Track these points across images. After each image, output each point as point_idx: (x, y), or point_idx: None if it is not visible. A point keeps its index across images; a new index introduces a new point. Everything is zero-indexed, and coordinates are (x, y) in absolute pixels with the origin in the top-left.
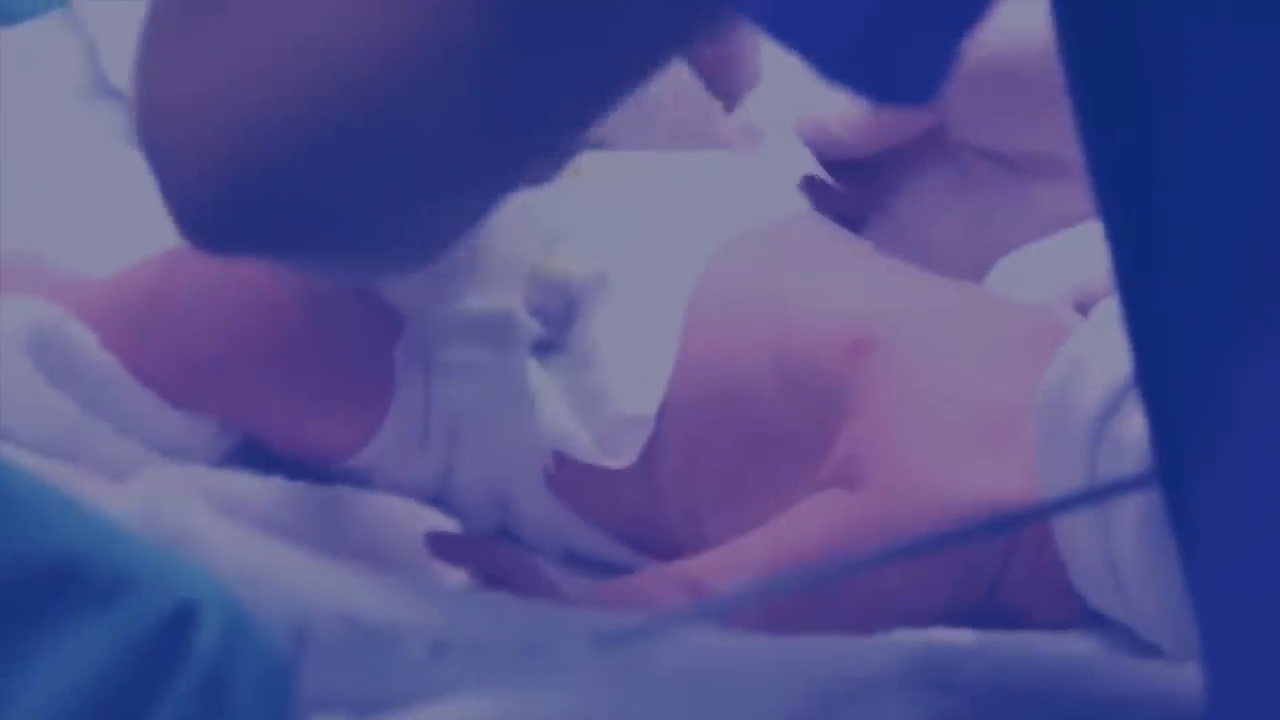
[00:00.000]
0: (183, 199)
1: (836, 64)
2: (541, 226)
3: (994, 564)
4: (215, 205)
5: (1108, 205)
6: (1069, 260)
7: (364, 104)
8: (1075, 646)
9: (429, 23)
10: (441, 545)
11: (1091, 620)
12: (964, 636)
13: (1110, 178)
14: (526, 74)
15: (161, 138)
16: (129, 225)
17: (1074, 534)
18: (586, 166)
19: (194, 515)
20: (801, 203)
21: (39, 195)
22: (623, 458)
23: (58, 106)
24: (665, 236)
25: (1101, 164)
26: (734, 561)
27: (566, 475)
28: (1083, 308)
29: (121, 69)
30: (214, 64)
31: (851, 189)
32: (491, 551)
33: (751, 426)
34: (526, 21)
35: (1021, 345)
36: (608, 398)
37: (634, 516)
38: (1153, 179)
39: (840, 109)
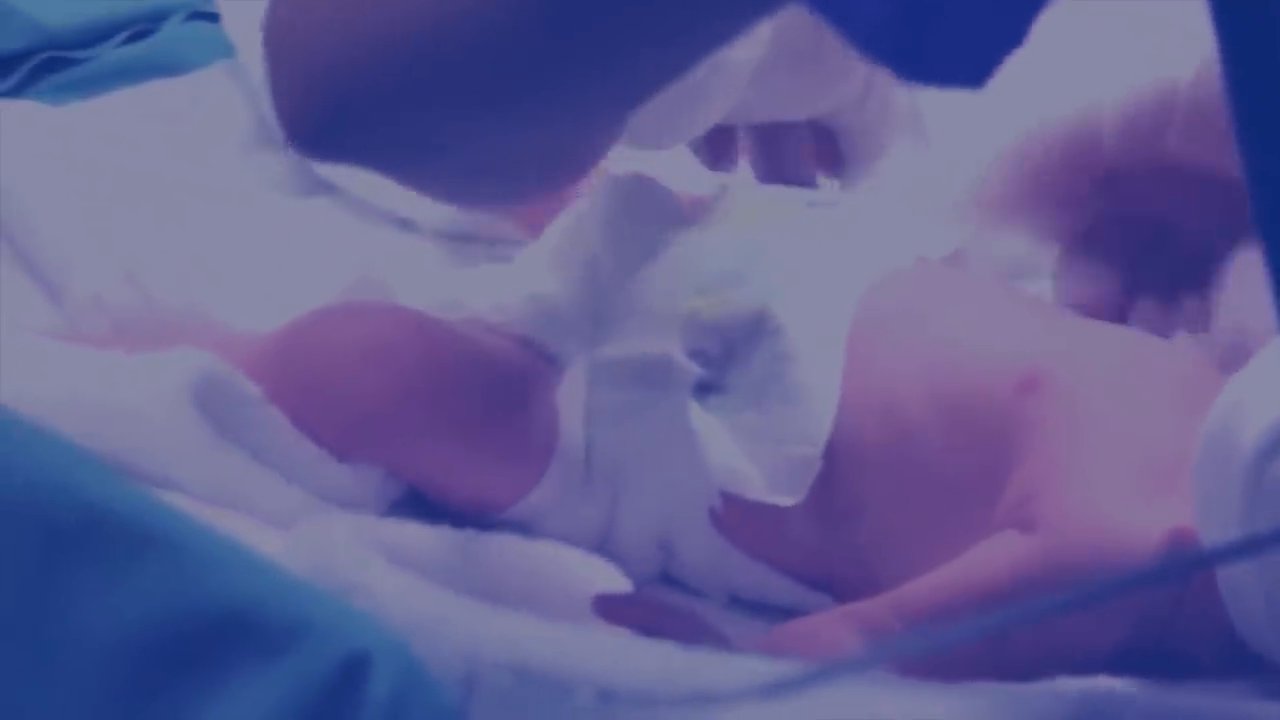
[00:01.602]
0: (293, 104)
1: (877, 38)
2: (697, 269)
3: (1160, 609)
4: (320, 111)
5: (1266, 220)
6: None
7: (456, 32)
8: (1239, 693)
9: None
10: (609, 606)
11: (1257, 667)
12: (1127, 684)
13: (1268, 192)
14: (599, 26)
15: (282, 51)
16: (291, 277)
17: (1236, 579)
18: (737, 209)
19: (364, 564)
20: (953, 242)
21: (202, 247)
22: (793, 495)
23: (222, 157)
24: (820, 274)
25: (1259, 177)
26: (909, 605)
27: (733, 514)
28: None
29: None
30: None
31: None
32: (659, 610)
33: (918, 463)
34: None
35: (1186, 385)
36: (776, 437)
37: (802, 554)
38: None
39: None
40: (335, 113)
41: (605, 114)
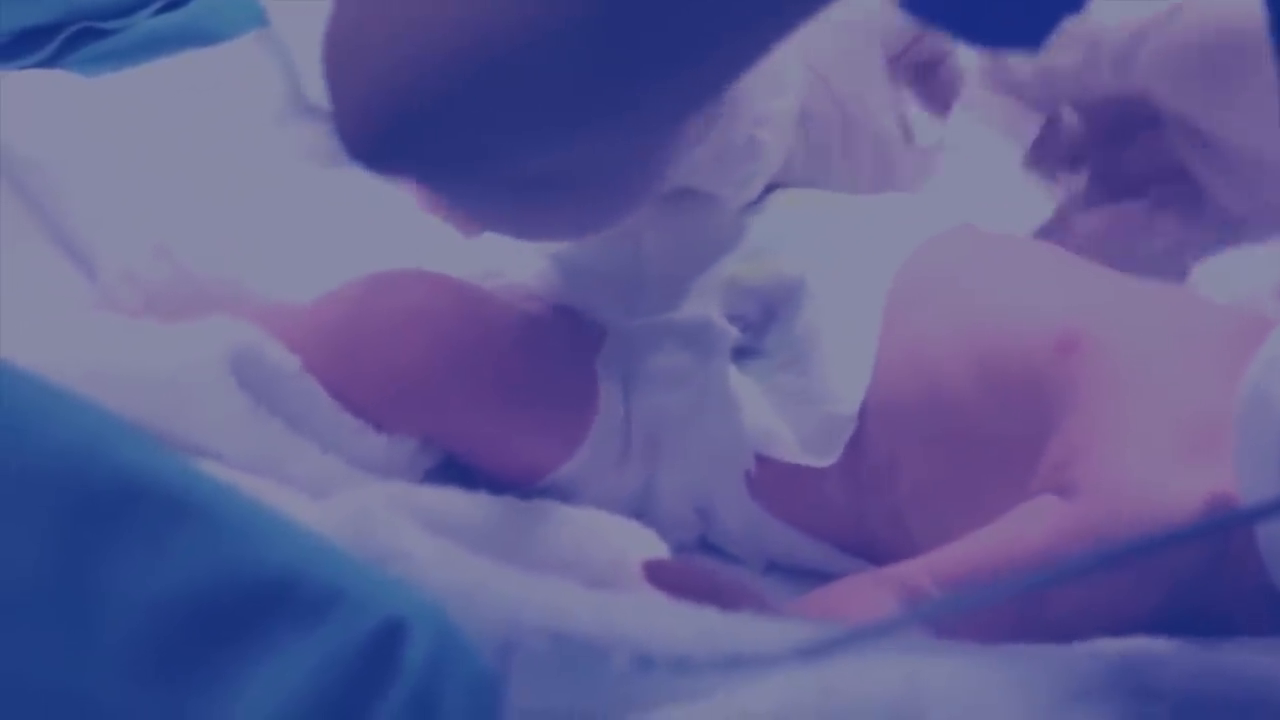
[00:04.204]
0: (353, 118)
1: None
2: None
3: (1198, 570)
4: (379, 125)
5: None
6: (1272, 260)
7: (508, 49)
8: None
9: None
10: (659, 573)
11: None
12: (1166, 644)
13: None
14: (655, 29)
15: (344, 68)
16: (325, 247)
17: (1276, 537)
18: (774, 198)
19: (401, 532)
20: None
21: (236, 218)
22: (827, 456)
23: (256, 126)
24: (858, 243)
25: None
26: (945, 569)
27: (768, 478)
28: None
29: (320, 87)
30: (390, 11)
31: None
32: (707, 579)
33: (954, 423)
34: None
35: (1226, 344)
36: (811, 398)
37: (836, 518)
38: None
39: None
40: (399, 126)
41: (661, 123)
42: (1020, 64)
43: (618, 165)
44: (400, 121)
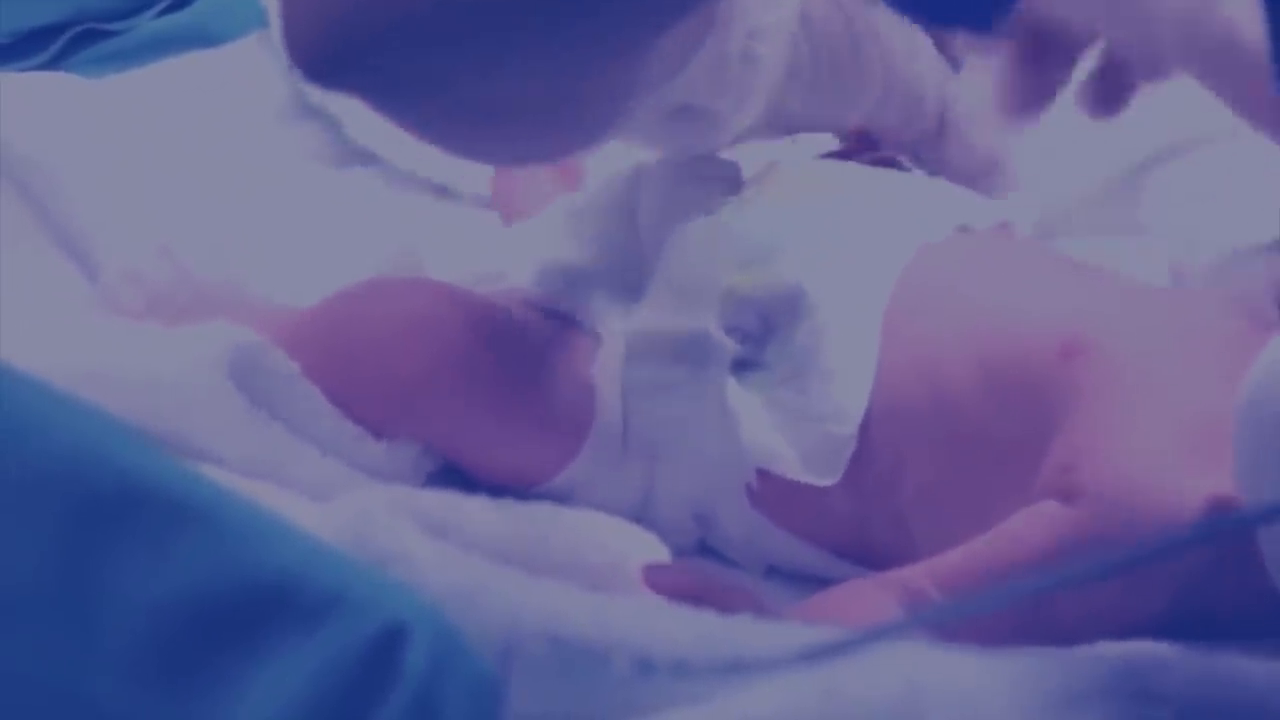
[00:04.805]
0: (304, 32)
1: None
2: (735, 246)
3: (1200, 573)
4: (329, 40)
5: None
6: (1271, 262)
7: None
8: None
9: None
10: (658, 576)
11: None
12: (1168, 648)
13: None
14: None
15: None
16: (328, 249)
17: (1278, 540)
18: (776, 181)
19: (401, 534)
20: (994, 216)
21: (239, 220)
22: (829, 475)
23: (258, 127)
24: (858, 249)
25: None
26: (947, 573)
27: (770, 491)
28: None
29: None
30: None
31: None
32: (707, 582)
33: (958, 428)
34: None
35: (1226, 346)
36: (811, 416)
37: (839, 526)
38: None
39: None
40: (348, 42)
41: (614, 49)
42: None
43: (574, 90)
44: (349, 37)
